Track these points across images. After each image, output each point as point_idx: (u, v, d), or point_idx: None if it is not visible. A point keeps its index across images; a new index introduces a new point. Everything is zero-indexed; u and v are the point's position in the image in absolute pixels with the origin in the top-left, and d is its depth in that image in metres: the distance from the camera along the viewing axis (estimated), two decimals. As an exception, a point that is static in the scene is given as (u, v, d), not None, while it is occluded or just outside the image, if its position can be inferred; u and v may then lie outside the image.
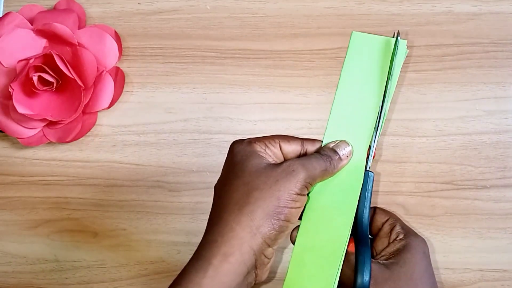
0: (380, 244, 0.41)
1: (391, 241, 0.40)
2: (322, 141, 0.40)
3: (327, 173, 0.37)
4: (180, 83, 0.57)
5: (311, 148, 0.39)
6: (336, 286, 0.37)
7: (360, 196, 0.38)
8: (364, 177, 0.38)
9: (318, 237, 0.37)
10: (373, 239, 0.42)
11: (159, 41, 0.58)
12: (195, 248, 0.54)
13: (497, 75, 0.54)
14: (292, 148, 0.38)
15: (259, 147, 0.37)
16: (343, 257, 0.37)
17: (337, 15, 0.56)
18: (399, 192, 0.53)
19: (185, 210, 0.55)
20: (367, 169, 0.38)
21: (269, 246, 0.35)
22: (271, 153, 0.37)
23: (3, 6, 0.59)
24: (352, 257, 0.37)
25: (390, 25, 0.56)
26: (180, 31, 0.57)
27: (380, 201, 0.53)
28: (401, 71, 0.55)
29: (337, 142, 0.39)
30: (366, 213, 0.38)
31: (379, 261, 0.39)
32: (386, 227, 0.41)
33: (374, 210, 0.43)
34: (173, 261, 0.55)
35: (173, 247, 0.55)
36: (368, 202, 0.38)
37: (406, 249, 0.38)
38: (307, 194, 0.37)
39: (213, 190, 0.40)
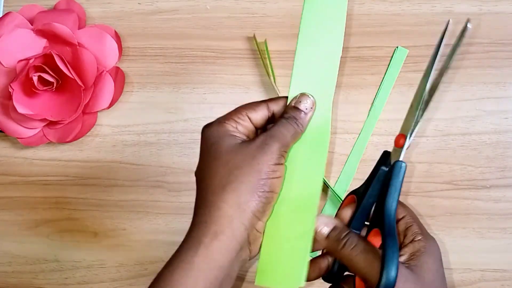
0: None
1: (407, 241, 0.39)
2: (287, 97, 0.39)
3: (297, 134, 0.38)
4: (180, 83, 0.57)
5: (276, 108, 0.39)
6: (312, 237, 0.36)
7: (389, 186, 0.37)
8: (395, 167, 0.37)
9: (292, 189, 0.37)
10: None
11: (159, 41, 0.58)
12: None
13: (497, 75, 0.54)
14: (260, 115, 0.38)
15: (230, 126, 0.38)
16: (318, 203, 0.37)
17: (337, 15, 0.56)
18: (399, 192, 0.53)
19: (185, 210, 0.55)
20: (400, 159, 0.37)
21: (259, 219, 0.36)
22: (242, 128, 0.38)
23: (3, 6, 0.59)
24: (372, 248, 0.36)
25: (390, 25, 0.56)
26: (180, 31, 0.57)
27: (380, 201, 0.53)
28: (401, 71, 0.55)
29: (297, 97, 0.39)
30: (393, 204, 0.36)
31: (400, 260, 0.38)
32: (402, 225, 0.40)
33: None
34: (173, 261, 0.55)
35: (173, 247, 0.55)
36: (397, 193, 0.37)
37: (426, 253, 0.37)
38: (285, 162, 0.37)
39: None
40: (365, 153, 0.54)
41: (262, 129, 0.39)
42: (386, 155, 0.39)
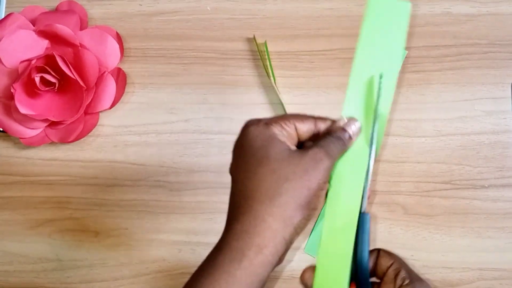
0: None
1: (397, 287, 0.39)
2: (333, 120, 0.39)
3: (342, 155, 0.38)
4: (181, 83, 0.57)
5: (322, 125, 0.39)
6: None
7: (357, 238, 0.38)
8: (360, 219, 0.38)
9: (335, 210, 0.38)
10: (378, 284, 0.42)
11: (160, 42, 0.58)
12: (196, 247, 0.55)
13: (496, 75, 0.55)
14: (306, 128, 0.38)
15: (277, 130, 0.37)
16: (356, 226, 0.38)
17: (336, 17, 0.56)
18: (398, 192, 0.54)
19: (186, 210, 0.56)
20: (363, 211, 0.38)
21: (297, 234, 0.36)
22: (287, 135, 0.37)
23: (5, 7, 0.60)
24: None
25: (390, 26, 0.56)
26: (181, 32, 0.58)
27: (379, 201, 0.54)
28: (400, 72, 0.55)
29: (346, 120, 0.39)
30: (365, 256, 0.38)
31: None
32: (391, 273, 0.40)
33: (378, 252, 0.41)
34: (174, 260, 0.55)
35: (174, 246, 0.55)
36: (367, 244, 0.38)
37: None
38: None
39: (229, 175, 0.38)
40: (364, 153, 0.54)
41: (303, 143, 0.39)
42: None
